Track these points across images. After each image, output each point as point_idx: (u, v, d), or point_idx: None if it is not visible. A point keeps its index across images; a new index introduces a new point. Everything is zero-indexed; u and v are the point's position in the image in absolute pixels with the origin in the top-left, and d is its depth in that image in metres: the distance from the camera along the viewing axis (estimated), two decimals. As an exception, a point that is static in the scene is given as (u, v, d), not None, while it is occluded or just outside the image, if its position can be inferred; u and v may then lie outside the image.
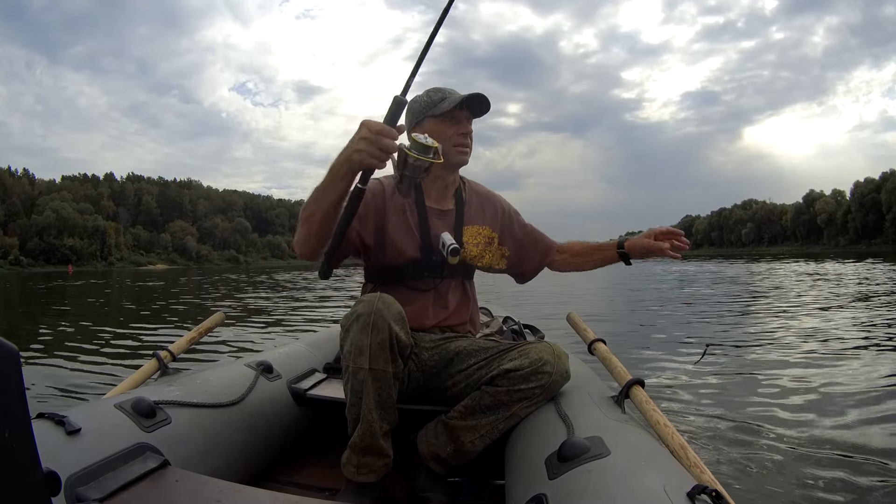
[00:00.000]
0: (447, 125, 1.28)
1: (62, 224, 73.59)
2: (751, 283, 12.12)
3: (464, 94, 1.27)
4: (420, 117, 1.30)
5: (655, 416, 1.02)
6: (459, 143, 1.29)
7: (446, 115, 1.27)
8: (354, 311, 1.05)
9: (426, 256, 1.29)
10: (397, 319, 1.05)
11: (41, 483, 0.60)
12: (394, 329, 1.02)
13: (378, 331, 1.01)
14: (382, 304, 1.03)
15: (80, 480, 0.82)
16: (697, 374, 3.27)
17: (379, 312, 1.02)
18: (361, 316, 1.02)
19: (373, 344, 1.01)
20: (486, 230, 1.40)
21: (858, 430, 2.18)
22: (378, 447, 1.06)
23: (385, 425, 1.06)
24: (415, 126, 1.30)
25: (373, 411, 1.04)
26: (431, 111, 1.29)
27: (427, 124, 1.28)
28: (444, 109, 1.27)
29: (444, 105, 1.27)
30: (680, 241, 1.33)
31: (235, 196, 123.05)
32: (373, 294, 1.08)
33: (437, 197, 1.36)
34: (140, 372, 1.33)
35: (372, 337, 1.01)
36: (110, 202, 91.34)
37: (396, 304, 1.07)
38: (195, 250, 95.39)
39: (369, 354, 1.01)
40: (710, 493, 0.69)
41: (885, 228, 74.56)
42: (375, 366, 1.02)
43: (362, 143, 0.96)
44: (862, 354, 3.66)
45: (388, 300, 1.06)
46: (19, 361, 0.56)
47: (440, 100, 1.28)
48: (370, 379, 1.02)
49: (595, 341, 1.41)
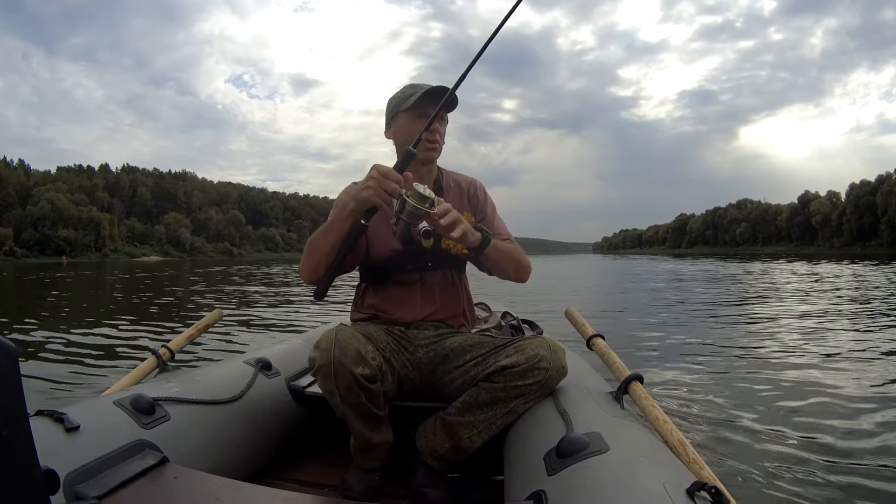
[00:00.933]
0: (415, 120, 1.27)
1: (57, 215, 72.96)
2: (750, 283, 12.19)
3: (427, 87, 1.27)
4: (393, 113, 1.32)
5: (654, 411, 1.03)
6: (427, 138, 1.27)
7: (414, 109, 1.27)
8: (314, 359, 1.06)
9: (407, 248, 1.29)
10: (357, 360, 1.04)
11: (40, 481, 0.60)
12: (356, 371, 1.03)
13: (341, 377, 1.03)
14: (339, 350, 1.03)
15: (79, 478, 0.81)
16: (697, 370, 3.29)
17: (337, 361, 1.03)
18: (322, 368, 1.04)
19: (339, 388, 1.04)
20: (465, 215, 1.37)
21: (857, 428, 2.20)
22: (375, 446, 1.14)
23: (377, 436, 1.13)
24: (390, 122, 1.33)
25: (361, 428, 1.11)
26: (402, 106, 1.29)
27: (399, 119, 1.30)
28: (410, 104, 1.27)
29: (411, 100, 1.27)
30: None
31: (230, 188, 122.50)
32: (329, 335, 1.07)
33: None
34: (139, 369, 1.33)
35: (337, 383, 1.04)
36: (105, 193, 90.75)
37: (353, 342, 1.05)
38: (189, 242, 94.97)
39: (339, 396, 1.05)
40: (709, 490, 0.69)
41: (879, 231, 74.97)
42: (349, 401, 1.06)
43: (371, 181, 1.05)
44: (862, 355, 3.67)
45: (343, 342, 1.04)
46: (17, 359, 0.56)
47: (409, 95, 1.28)
48: (349, 410, 1.08)
49: (594, 336, 1.41)
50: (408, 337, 1.26)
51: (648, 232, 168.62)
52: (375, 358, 1.08)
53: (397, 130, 1.31)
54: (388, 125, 1.35)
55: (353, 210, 1.12)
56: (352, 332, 1.08)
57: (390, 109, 1.34)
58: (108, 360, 3.77)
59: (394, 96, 1.34)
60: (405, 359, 1.23)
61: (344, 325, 1.17)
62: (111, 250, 79.71)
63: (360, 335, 1.09)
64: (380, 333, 1.21)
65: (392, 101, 1.34)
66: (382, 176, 1.05)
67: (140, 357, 3.00)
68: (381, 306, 1.32)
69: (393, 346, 1.22)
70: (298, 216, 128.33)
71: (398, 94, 1.33)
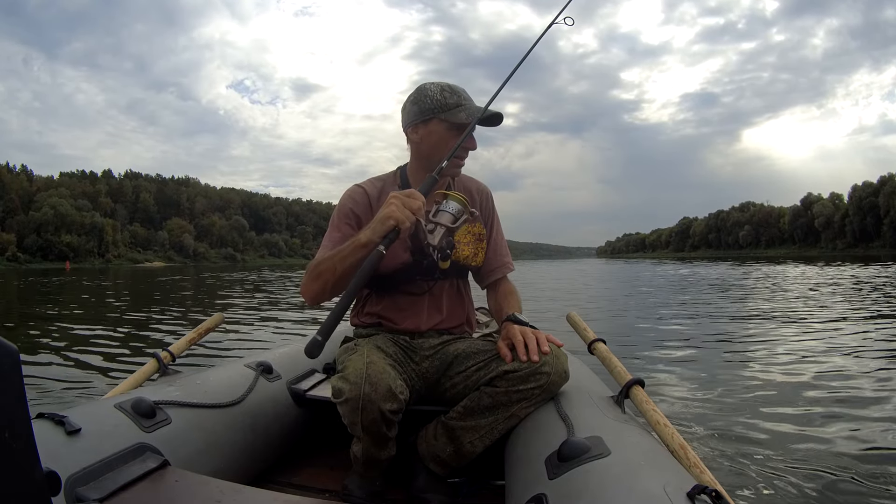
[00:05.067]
0: (454, 134, 1.21)
1: (60, 221, 73.32)
2: (751, 285, 12.15)
3: (482, 111, 1.20)
4: (428, 116, 1.22)
5: (655, 416, 1.03)
6: (460, 155, 1.25)
7: (459, 125, 1.21)
8: (340, 388, 1.00)
9: (416, 259, 1.24)
10: (387, 397, 1.00)
11: (41, 483, 0.60)
12: (384, 408, 0.99)
13: (368, 412, 0.99)
14: (369, 386, 0.99)
15: (80, 480, 0.82)
16: (697, 374, 3.28)
17: (367, 397, 0.98)
18: (349, 401, 0.99)
19: (364, 422, 1.00)
20: (477, 227, 1.35)
21: (858, 431, 2.19)
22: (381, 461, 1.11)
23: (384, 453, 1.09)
24: (418, 123, 1.24)
25: (371, 448, 1.07)
26: (443, 114, 1.21)
27: (433, 125, 1.22)
28: (460, 121, 1.20)
29: (460, 116, 1.21)
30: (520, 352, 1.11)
31: (233, 194, 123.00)
32: (358, 367, 1.01)
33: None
34: (140, 372, 1.33)
35: (363, 417, 1.00)
36: (108, 199, 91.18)
37: (385, 378, 1.01)
38: (192, 248, 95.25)
39: (362, 428, 1.02)
40: (710, 494, 0.69)
41: (882, 232, 74.78)
42: (370, 431, 1.02)
43: (394, 199, 1.03)
44: (865, 359, 3.66)
45: (374, 377, 1.00)
46: (19, 361, 0.56)
47: (455, 105, 1.21)
48: (366, 437, 1.04)
49: (595, 341, 1.41)
50: (413, 347, 1.25)
51: (652, 236, 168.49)
52: (403, 392, 1.04)
53: (427, 136, 1.23)
54: (413, 124, 1.24)
55: (368, 241, 1.04)
56: (383, 367, 1.04)
57: (424, 110, 1.22)
58: (109, 364, 3.78)
59: (429, 96, 1.22)
60: (411, 370, 1.22)
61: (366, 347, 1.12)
62: (114, 256, 79.99)
63: (391, 369, 1.06)
64: (388, 346, 1.19)
65: (426, 101, 1.22)
66: (406, 195, 1.02)
67: (141, 361, 3.00)
68: (386, 315, 1.28)
69: (400, 357, 1.20)
70: (301, 221, 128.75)
71: (437, 97, 1.22)
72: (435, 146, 1.23)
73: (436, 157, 1.22)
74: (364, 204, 1.28)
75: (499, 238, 1.39)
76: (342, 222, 1.26)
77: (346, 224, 1.26)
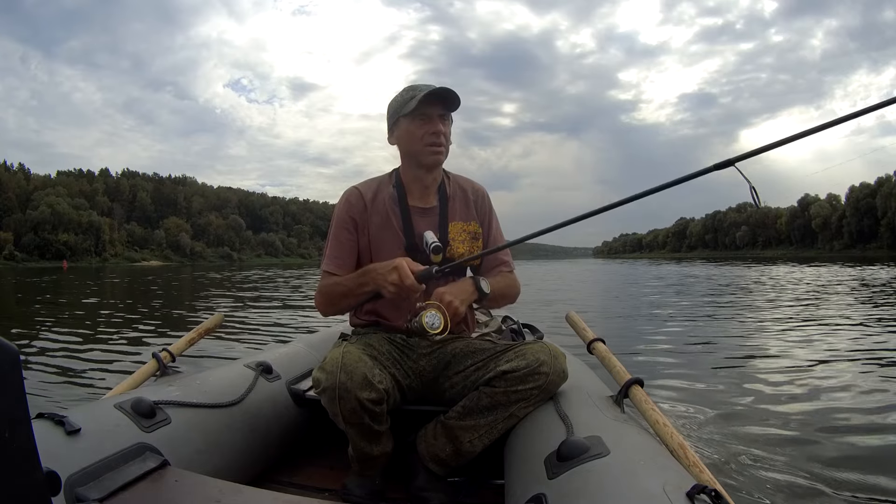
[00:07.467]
0: (418, 124, 1.26)
1: (57, 219, 72.98)
2: (750, 286, 12.18)
3: (428, 88, 1.23)
4: (395, 118, 1.29)
5: (654, 415, 1.03)
6: (431, 142, 1.26)
7: (416, 113, 1.24)
8: (318, 380, 1.06)
9: (412, 256, 1.25)
10: (363, 385, 1.03)
11: (41, 483, 0.60)
12: (361, 396, 1.03)
13: (345, 401, 1.03)
14: (345, 374, 1.03)
15: (80, 480, 0.82)
16: (697, 373, 3.28)
17: (342, 385, 1.02)
18: (326, 390, 1.04)
19: (343, 411, 1.05)
20: (472, 225, 1.37)
21: (858, 431, 2.20)
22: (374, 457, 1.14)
23: (376, 449, 1.13)
24: (392, 127, 1.31)
25: (361, 443, 1.11)
26: (403, 111, 1.26)
27: (401, 123, 1.28)
28: (411, 108, 1.24)
29: (411, 104, 1.24)
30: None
31: (230, 193, 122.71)
32: (335, 356, 1.06)
33: (419, 195, 1.34)
34: (140, 372, 1.33)
35: (341, 407, 1.04)
36: (105, 198, 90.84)
37: (360, 367, 1.04)
38: (189, 247, 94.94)
39: (343, 418, 1.06)
40: (709, 493, 0.69)
41: (879, 233, 74.99)
42: (352, 422, 1.07)
43: (393, 287, 1.15)
44: (864, 359, 3.66)
45: (350, 366, 1.04)
46: (19, 361, 0.56)
47: (411, 98, 1.25)
48: (351, 429, 1.08)
49: (594, 341, 1.41)
50: (410, 345, 1.25)
51: (649, 236, 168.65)
52: (382, 381, 1.07)
53: (401, 136, 1.30)
54: (390, 131, 1.33)
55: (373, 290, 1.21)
56: (358, 355, 1.07)
57: (391, 115, 1.31)
58: (108, 364, 3.76)
59: (393, 101, 1.31)
60: (407, 368, 1.23)
61: (349, 343, 1.17)
62: (111, 255, 79.73)
63: (367, 357, 1.08)
64: (382, 344, 1.21)
65: (392, 106, 1.31)
66: (406, 288, 1.14)
67: (141, 361, 2.99)
68: (382, 313, 1.30)
69: (395, 355, 1.22)
70: (298, 221, 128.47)
71: (398, 99, 1.29)
72: (409, 141, 1.29)
73: (414, 151, 1.29)
74: (359, 206, 1.33)
75: (497, 237, 1.40)
76: (341, 231, 1.32)
77: (345, 230, 1.32)
